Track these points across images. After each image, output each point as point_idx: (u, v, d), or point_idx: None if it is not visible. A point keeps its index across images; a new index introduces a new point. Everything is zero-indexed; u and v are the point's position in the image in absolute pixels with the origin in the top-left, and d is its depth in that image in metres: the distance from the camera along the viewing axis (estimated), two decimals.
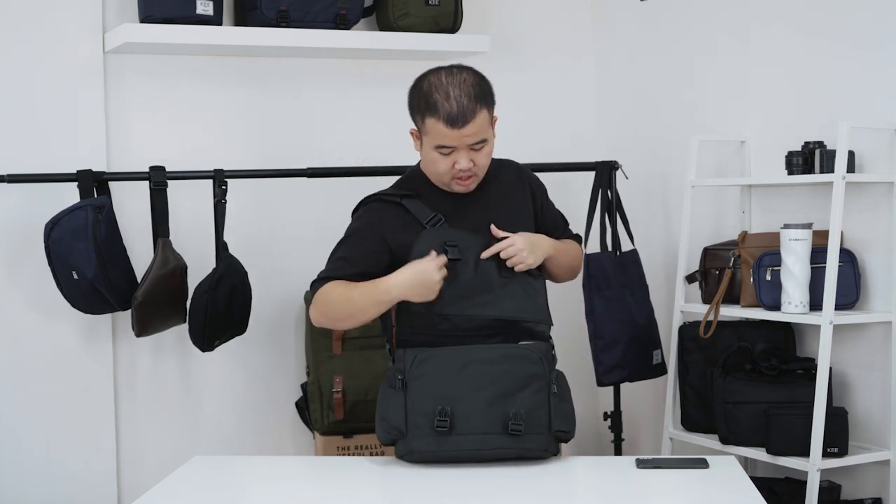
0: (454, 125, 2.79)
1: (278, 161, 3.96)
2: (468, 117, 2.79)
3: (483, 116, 2.82)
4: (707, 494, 2.63)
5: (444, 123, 2.80)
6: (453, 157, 2.85)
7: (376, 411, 2.82)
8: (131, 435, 3.87)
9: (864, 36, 3.44)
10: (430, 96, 2.82)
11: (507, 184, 3.03)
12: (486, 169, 2.92)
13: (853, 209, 3.42)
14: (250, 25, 3.84)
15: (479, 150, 2.85)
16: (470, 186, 2.92)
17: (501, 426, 2.74)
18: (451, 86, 2.81)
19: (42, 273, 3.57)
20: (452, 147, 2.83)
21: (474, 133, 2.82)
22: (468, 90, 2.81)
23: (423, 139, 2.89)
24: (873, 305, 3.44)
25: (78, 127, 3.75)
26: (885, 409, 3.39)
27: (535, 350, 2.82)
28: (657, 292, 4.07)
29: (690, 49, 4.05)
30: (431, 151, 2.87)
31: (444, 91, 2.81)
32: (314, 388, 3.84)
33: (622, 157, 4.13)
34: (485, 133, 2.84)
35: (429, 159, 2.90)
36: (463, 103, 2.79)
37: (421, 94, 2.86)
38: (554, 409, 2.79)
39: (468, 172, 2.87)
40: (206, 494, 2.70)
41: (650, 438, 4.23)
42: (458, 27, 4.07)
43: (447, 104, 2.79)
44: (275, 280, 3.98)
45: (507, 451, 2.75)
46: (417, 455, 2.75)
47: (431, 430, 2.73)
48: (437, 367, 2.78)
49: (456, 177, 2.88)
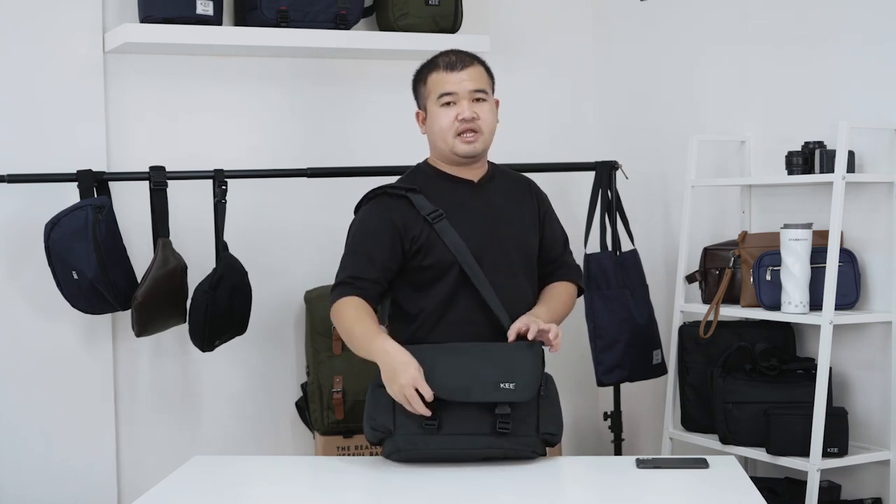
0: (453, 69, 2.96)
1: (278, 161, 3.96)
2: (466, 63, 2.98)
3: (480, 70, 2.99)
4: (707, 494, 2.63)
5: (444, 70, 2.97)
6: (456, 109, 2.94)
7: (364, 410, 2.84)
8: (131, 435, 3.87)
9: (864, 36, 3.44)
10: (431, 61, 3.03)
11: (514, 188, 3.08)
12: (490, 132, 2.99)
13: (853, 209, 3.42)
14: (250, 25, 3.84)
15: (480, 101, 2.96)
16: (475, 146, 2.97)
17: (489, 426, 2.75)
18: (451, 51, 3.04)
19: (42, 273, 3.57)
20: (454, 94, 2.94)
21: (472, 79, 2.96)
22: (466, 51, 3.04)
23: (428, 103, 2.99)
24: (873, 305, 3.44)
25: (78, 127, 3.75)
26: (885, 409, 3.40)
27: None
28: (657, 292, 4.07)
29: (690, 49, 4.05)
30: (436, 107, 2.97)
31: (444, 53, 3.03)
32: (314, 388, 3.84)
33: (622, 157, 4.13)
34: (484, 85, 2.98)
35: (434, 118, 2.98)
36: (461, 55, 3.00)
37: (423, 65, 3.05)
38: (542, 412, 2.79)
39: (471, 125, 2.94)
40: (206, 494, 2.70)
41: (650, 438, 4.23)
42: (458, 27, 4.07)
43: (445, 57, 3.01)
44: (275, 280, 3.98)
45: (495, 451, 2.76)
46: (404, 454, 2.76)
47: (419, 429, 2.74)
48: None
49: (459, 132, 2.94)
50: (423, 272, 2.93)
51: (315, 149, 4.05)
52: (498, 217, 2.99)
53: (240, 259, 3.68)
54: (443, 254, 2.91)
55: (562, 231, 3.16)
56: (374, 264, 2.91)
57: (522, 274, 3.00)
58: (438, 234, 2.90)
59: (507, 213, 3.01)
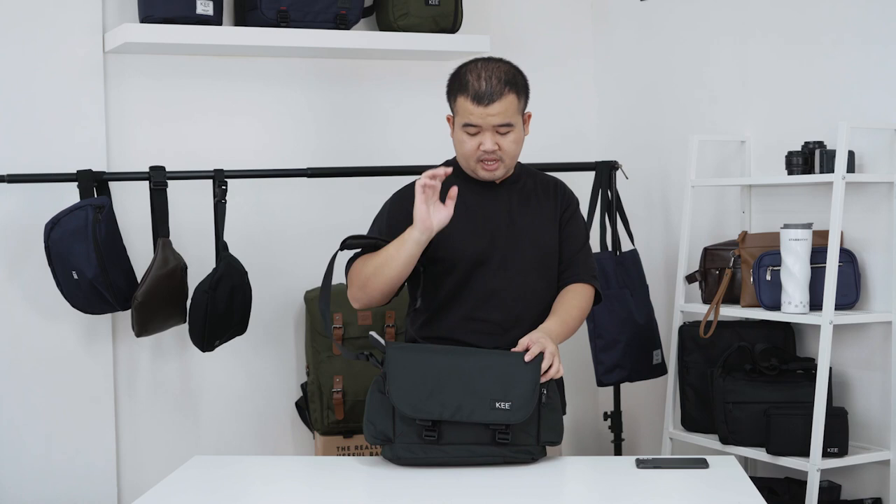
0: (480, 102, 2.88)
1: (278, 161, 3.96)
2: (495, 97, 2.88)
3: (510, 100, 2.90)
4: (707, 494, 2.63)
5: (472, 101, 2.89)
6: (479, 139, 2.91)
7: (364, 412, 2.82)
8: (131, 435, 3.87)
9: (864, 36, 3.44)
10: (463, 77, 2.93)
11: (537, 191, 3.07)
12: (513, 158, 2.97)
13: (853, 209, 3.42)
14: (250, 25, 3.84)
15: (504, 134, 2.91)
16: (496, 173, 2.96)
17: (489, 436, 2.73)
18: (485, 69, 2.92)
19: (42, 273, 3.57)
20: (478, 127, 2.90)
21: (499, 113, 2.89)
22: (500, 74, 2.91)
23: (455, 120, 2.96)
24: (873, 305, 3.44)
25: (78, 127, 3.75)
26: (885, 409, 3.39)
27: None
28: (657, 292, 4.08)
29: (690, 49, 4.05)
30: (460, 132, 2.94)
31: (477, 73, 2.91)
32: (314, 388, 3.84)
33: (622, 157, 4.13)
34: (511, 117, 2.91)
35: (458, 140, 2.96)
36: (492, 83, 2.89)
37: (457, 76, 2.96)
38: (543, 420, 2.76)
39: (493, 155, 2.92)
40: (206, 494, 2.70)
41: (650, 438, 4.23)
42: (458, 27, 4.07)
43: (477, 83, 2.89)
44: (275, 280, 3.98)
45: (495, 458, 2.75)
46: (403, 461, 2.76)
47: (418, 438, 2.73)
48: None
49: (481, 159, 2.93)
50: (434, 266, 2.96)
51: (315, 149, 4.05)
52: (514, 216, 3.00)
53: (240, 259, 3.68)
54: (451, 250, 2.94)
55: (583, 233, 3.12)
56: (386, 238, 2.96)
57: (536, 272, 2.99)
58: (448, 230, 2.91)
59: (524, 213, 3.01)
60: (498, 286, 2.96)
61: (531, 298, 2.98)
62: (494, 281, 2.96)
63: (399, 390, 2.72)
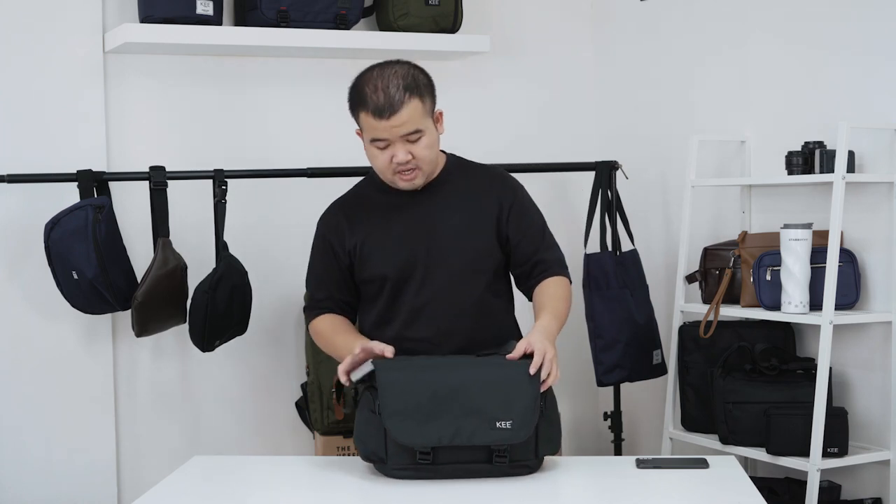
0: (381, 116, 2.76)
1: (278, 161, 3.96)
2: (395, 107, 2.75)
3: (414, 106, 2.77)
4: (707, 494, 2.63)
5: (373, 115, 2.77)
6: (390, 151, 2.81)
7: (355, 429, 2.74)
8: (131, 435, 3.87)
9: (864, 36, 3.44)
10: (361, 90, 2.81)
11: (470, 188, 2.94)
12: (430, 163, 2.85)
13: (853, 209, 3.42)
14: (250, 25, 3.84)
15: (415, 141, 2.80)
16: (416, 182, 2.86)
17: (486, 455, 2.63)
18: (380, 78, 2.80)
19: (42, 273, 3.57)
20: (386, 140, 2.79)
21: (404, 123, 2.77)
22: (397, 81, 2.78)
23: (363, 135, 2.86)
24: (873, 305, 3.44)
25: (78, 127, 3.75)
26: (885, 409, 3.40)
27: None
28: (657, 292, 4.08)
29: (690, 49, 4.05)
30: (370, 147, 2.84)
31: (373, 84, 2.79)
32: (314, 388, 3.84)
33: (622, 157, 4.13)
34: (418, 123, 2.78)
35: (370, 155, 2.86)
36: (390, 94, 2.76)
37: (354, 89, 2.85)
38: (541, 434, 2.66)
39: (407, 166, 2.81)
40: (206, 494, 2.70)
41: (650, 438, 4.23)
42: (458, 27, 4.07)
43: (374, 96, 2.77)
44: (275, 280, 3.98)
45: (492, 474, 2.65)
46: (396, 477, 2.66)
47: (412, 461, 2.61)
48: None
49: (397, 171, 2.83)
50: (364, 286, 2.95)
51: (315, 149, 4.05)
52: (437, 224, 2.89)
53: (240, 259, 3.68)
54: (373, 268, 2.90)
55: (537, 223, 2.97)
56: (324, 282, 2.97)
57: (468, 281, 2.89)
58: (370, 249, 2.88)
59: (450, 217, 2.90)
60: (424, 301, 2.87)
61: (462, 310, 2.88)
62: (420, 297, 2.87)
63: (393, 417, 2.59)
